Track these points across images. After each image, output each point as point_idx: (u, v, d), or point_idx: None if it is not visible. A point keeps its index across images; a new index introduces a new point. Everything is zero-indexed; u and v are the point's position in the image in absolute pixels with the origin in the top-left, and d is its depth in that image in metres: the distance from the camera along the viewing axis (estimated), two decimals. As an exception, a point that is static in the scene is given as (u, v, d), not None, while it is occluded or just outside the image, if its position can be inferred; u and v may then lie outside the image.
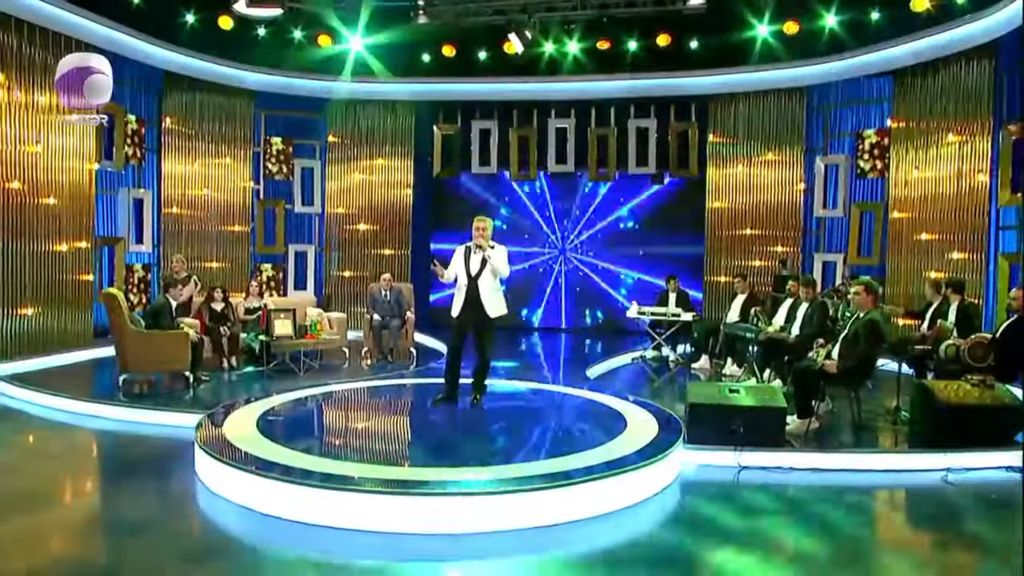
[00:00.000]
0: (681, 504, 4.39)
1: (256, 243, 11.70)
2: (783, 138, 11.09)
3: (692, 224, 11.85)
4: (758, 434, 4.99)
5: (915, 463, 4.95)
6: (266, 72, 11.24)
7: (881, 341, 5.49)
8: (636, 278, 12.55)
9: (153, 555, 3.53)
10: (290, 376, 7.75)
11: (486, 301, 5.89)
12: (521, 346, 11.03)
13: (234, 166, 11.30)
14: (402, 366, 8.70)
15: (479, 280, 5.89)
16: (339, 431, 5.57)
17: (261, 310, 8.47)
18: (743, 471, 4.83)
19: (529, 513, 3.92)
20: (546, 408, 6.22)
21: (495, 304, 5.95)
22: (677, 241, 12.18)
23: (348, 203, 12.22)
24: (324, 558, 3.55)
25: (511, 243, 12.56)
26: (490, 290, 5.91)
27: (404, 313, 9.27)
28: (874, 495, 4.57)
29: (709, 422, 5.04)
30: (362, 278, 11.97)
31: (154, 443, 5.43)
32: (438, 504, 3.86)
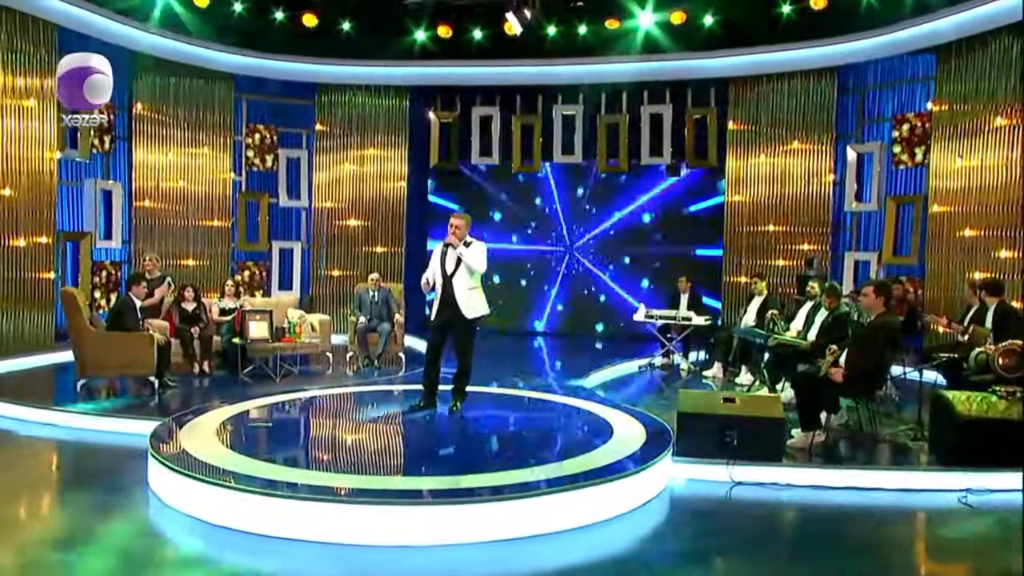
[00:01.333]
0: (665, 521, 4.40)
1: (237, 239, 11.77)
2: (811, 124, 11.00)
3: (709, 221, 11.88)
4: (754, 447, 4.98)
5: (929, 482, 4.88)
6: (246, 53, 11.27)
7: (892, 347, 5.46)
8: (649, 278, 12.59)
9: (91, 572, 3.58)
10: (266, 382, 7.83)
11: (462, 302, 6.00)
12: (517, 351, 11.16)
13: (213, 156, 11.38)
14: (390, 372, 8.76)
15: (454, 279, 6.02)
16: (304, 439, 5.66)
17: (237, 311, 8.57)
18: (737, 487, 4.82)
19: (486, 526, 3.98)
20: (529, 417, 6.34)
21: (472, 304, 6.05)
22: (695, 239, 12.24)
23: (337, 197, 12.28)
24: (280, 572, 3.62)
25: (511, 240, 12.62)
26: (466, 290, 6.02)
27: (393, 315, 9.32)
28: (879, 517, 4.52)
29: (700, 433, 5.04)
30: (352, 277, 12.02)
31: (109, 453, 5.50)
32: (392, 515, 3.93)
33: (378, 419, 6.13)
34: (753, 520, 4.38)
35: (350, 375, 8.70)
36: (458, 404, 6.24)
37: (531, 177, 12.85)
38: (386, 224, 12.25)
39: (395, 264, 12.16)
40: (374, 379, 8.33)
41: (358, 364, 9.14)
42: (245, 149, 11.96)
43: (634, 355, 9.96)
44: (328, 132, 12.26)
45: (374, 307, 9.36)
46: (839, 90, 10.90)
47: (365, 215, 12.27)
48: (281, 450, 5.23)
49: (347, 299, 11.76)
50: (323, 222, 12.30)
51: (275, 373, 8.15)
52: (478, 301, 6.12)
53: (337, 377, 8.52)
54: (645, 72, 11.37)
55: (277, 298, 10.92)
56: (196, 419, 5.67)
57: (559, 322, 13.02)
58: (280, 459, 4.84)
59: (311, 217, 12.34)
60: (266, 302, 9.53)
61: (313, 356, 9.29)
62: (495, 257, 6.52)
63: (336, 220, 12.31)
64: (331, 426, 6.02)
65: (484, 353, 9.07)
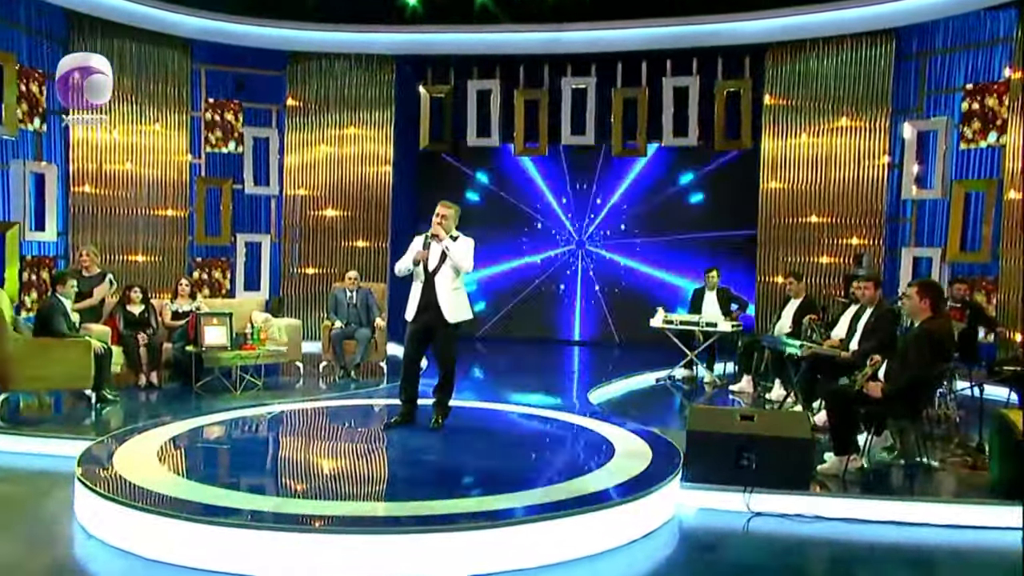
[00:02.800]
0: (671, 556, 4.39)
1: (195, 232, 11.77)
2: (863, 97, 10.90)
3: (741, 210, 11.88)
4: (776, 472, 4.96)
5: (986, 518, 4.84)
6: (205, 15, 11.21)
7: (942, 358, 5.40)
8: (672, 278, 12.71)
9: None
10: (224, 396, 7.90)
11: (444, 303, 6.09)
12: (517, 362, 11.26)
13: (166, 135, 11.36)
14: (370, 385, 8.82)
15: (437, 277, 6.11)
16: (266, 461, 5.75)
17: (191, 314, 8.60)
18: (755, 518, 4.81)
19: (463, 557, 4.02)
20: (519, 436, 6.46)
21: (454, 306, 6.14)
22: (724, 231, 12.35)
23: (312, 183, 12.33)
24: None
25: (511, 234, 12.77)
26: (449, 290, 6.12)
27: (373, 320, 9.38)
28: (925, 557, 4.49)
29: (713, 455, 5.04)
30: (328, 276, 12.07)
31: (31, 479, 5.51)
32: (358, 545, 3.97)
33: (354, 438, 6.20)
34: (774, 557, 4.36)
35: (323, 388, 8.75)
36: (440, 420, 6.30)
37: (537, 161, 13.00)
38: (368, 215, 12.28)
39: (378, 261, 12.18)
40: (351, 392, 8.39)
41: (333, 375, 9.18)
42: (204, 127, 11.95)
43: (653, 366, 10.03)
44: (301, 108, 12.28)
45: (352, 310, 9.41)
46: (898, 56, 10.77)
47: (344, 204, 12.30)
48: (239, 474, 5.27)
49: (322, 301, 11.78)
50: (295, 212, 12.35)
51: (235, 386, 8.19)
52: (462, 303, 6.24)
53: (308, 390, 8.58)
54: (667, 38, 11.31)
55: (241, 299, 11.07)
56: (138, 438, 5.69)
57: (568, 327, 13.23)
58: (236, 483, 4.88)
59: (281, 206, 12.38)
60: (227, 304, 9.59)
61: (281, 366, 9.32)
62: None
63: (310, 210, 12.34)
64: (298, 446, 6.08)
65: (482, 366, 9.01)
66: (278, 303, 12.02)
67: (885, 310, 7.05)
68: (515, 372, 10.35)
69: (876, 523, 4.84)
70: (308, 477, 5.25)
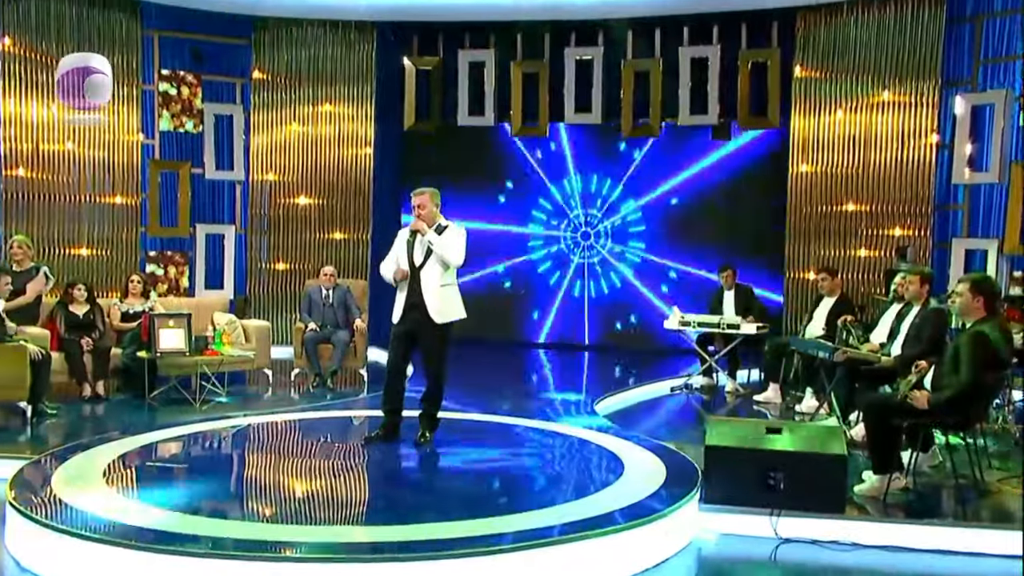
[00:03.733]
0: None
1: (149, 222, 11.72)
2: (907, 67, 10.79)
3: (769, 198, 11.85)
4: (807, 493, 4.94)
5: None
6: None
7: (995, 364, 5.36)
8: (688, 272, 12.69)
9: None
10: (182, 408, 7.89)
11: (431, 302, 6.15)
12: (516, 367, 11.43)
13: (113, 111, 11.18)
14: (348, 395, 8.87)
15: (422, 273, 6.20)
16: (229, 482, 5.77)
17: (144, 315, 8.57)
18: (784, 545, 4.80)
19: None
20: (517, 451, 6.53)
21: (445, 306, 6.20)
22: (748, 221, 12.35)
23: (282, 167, 12.30)
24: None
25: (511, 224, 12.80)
26: (436, 286, 6.17)
27: (352, 321, 9.39)
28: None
29: (736, 473, 5.04)
30: (301, 272, 12.07)
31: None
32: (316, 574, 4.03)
33: (330, 455, 6.27)
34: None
35: (296, 398, 8.83)
36: (427, 434, 6.38)
37: (536, 143, 12.98)
38: (346, 203, 12.28)
39: (358, 255, 12.19)
40: (327, 403, 8.45)
41: (307, 384, 9.23)
42: (158, 103, 11.86)
43: (667, 372, 10.07)
44: (269, 82, 12.24)
45: (328, 310, 9.44)
46: (948, 19, 10.69)
47: (319, 191, 12.28)
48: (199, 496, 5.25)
49: (294, 300, 11.76)
50: (263, 200, 12.34)
51: (195, 396, 8.17)
52: (452, 302, 6.30)
53: (279, 401, 8.66)
54: (685, 2, 11.27)
55: (201, 299, 11.06)
56: (81, 457, 5.69)
57: (572, 328, 13.22)
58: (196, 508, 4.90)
59: (247, 193, 12.35)
60: (186, 304, 9.57)
61: (248, 374, 9.38)
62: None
63: (281, 197, 12.33)
64: (267, 465, 6.11)
65: (470, 371, 9.10)
66: (244, 303, 12.02)
67: (932, 310, 7.03)
68: (514, 379, 10.43)
69: (922, 552, 4.82)
70: (278, 499, 5.26)
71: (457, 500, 5.19)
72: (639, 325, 12.79)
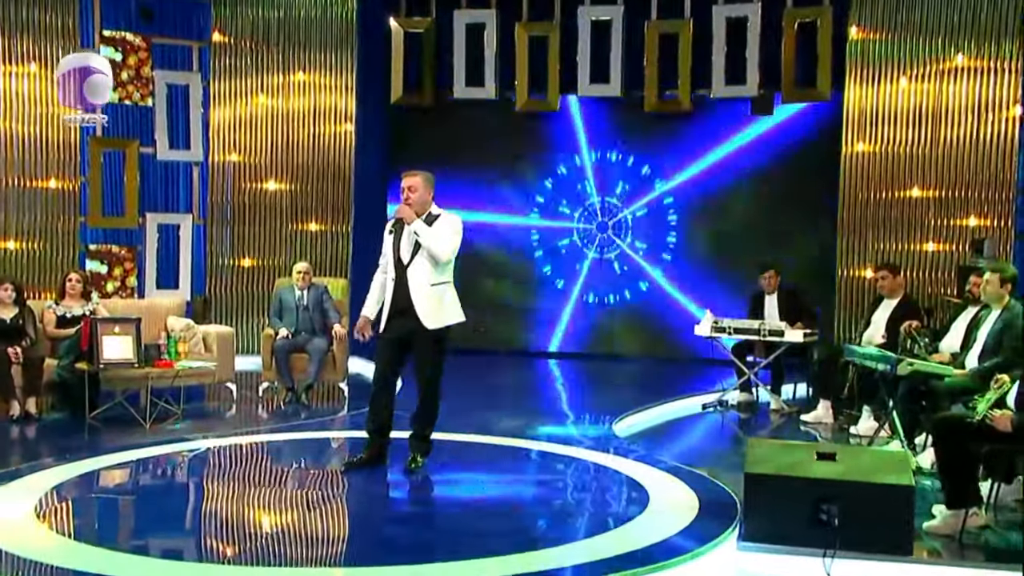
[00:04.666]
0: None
1: (89, 211, 11.62)
2: (984, 28, 10.72)
3: (819, 183, 11.83)
4: (867, 530, 4.89)
5: None
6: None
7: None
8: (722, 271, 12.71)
9: None
10: (130, 429, 7.84)
11: (422, 305, 6.17)
12: (523, 381, 11.51)
13: (47, 78, 11.09)
14: (326, 413, 8.95)
15: (410, 271, 6.23)
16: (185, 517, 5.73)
17: (84, 320, 8.48)
18: (840, 592, 4.78)
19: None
20: (523, 478, 6.64)
21: (435, 308, 6.22)
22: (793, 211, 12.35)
23: (248, 146, 12.28)
24: None
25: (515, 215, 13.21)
26: (426, 286, 6.19)
27: (330, 326, 9.37)
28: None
29: (781, 506, 4.97)
30: (272, 269, 12.09)
31: None
32: None
33: (304, 483, 6.30)
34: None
35: (264, 417, 8.84)
36: (419, 459, 6.42)
37: (546, 117, 12.89)
38: (323, 189, 12.28)
39: (337, 250, 12.20)
40: (301, 423, 8.43)
41: (277, 400, 9.26)
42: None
43: (698, 387, 10.14)
44: (232, 46, 12.23)
45: (302, 314, 9.46)
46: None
47: (291, 175, 12.29)
48: (149, 534, 5.28)
49: (262, 302, 11.82)
50: (225, 185, 12.33)
51: (145, 416, 8.08)
52: (447, 303, 6.33)
53: (244, 420, 8.71)
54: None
55: (153, 300, 10.95)
56: (9, 488, 5.71)
57: (586, 336, 13.30)
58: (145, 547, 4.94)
59: (206, 177, 12.32)
60: (134, 307, 9.56)
61: (207, 389, 9.40)
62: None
63: (246, 182, 12.32)
64: (230, 496, 6.10)
65: (469, 385, 9.09)
66: (203, 305, 12.03)
67: (1015, 315, 6.99)
68: (520, 394, 10.54)
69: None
70: (242, 537, 5.24)
71: (452, 537, 5.21)
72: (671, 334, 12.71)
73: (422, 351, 6.29)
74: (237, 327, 11.35)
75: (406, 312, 6.19)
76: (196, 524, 5.62)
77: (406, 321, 6.20)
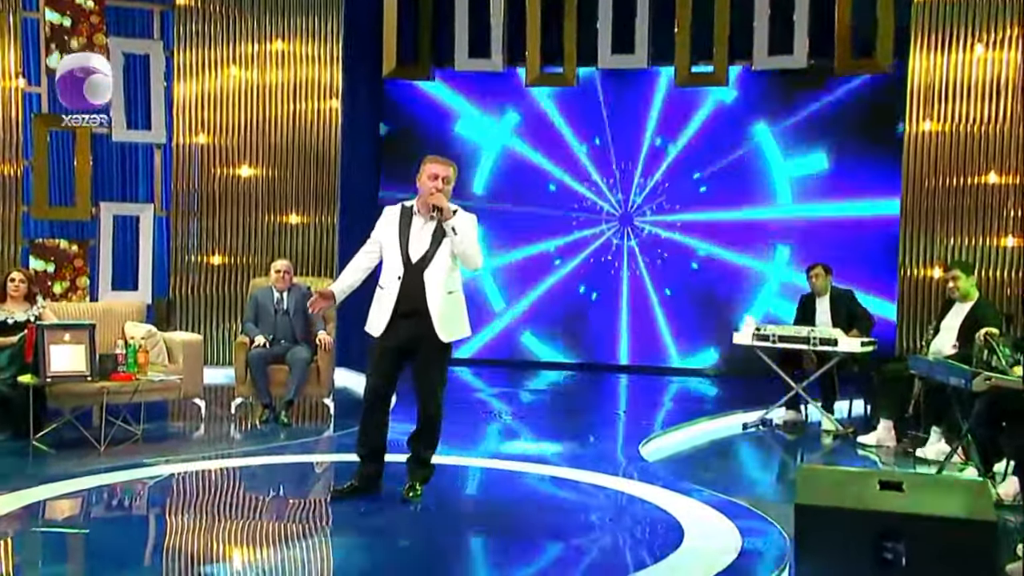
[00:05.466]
0: None
1: (33, 200, 11.65)
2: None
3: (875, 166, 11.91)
4: (940, 572, 4.78)
5: None
6: None
7: None
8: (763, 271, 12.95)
9: None
10: (82, 452, 7.80)
11: (436, 310, 6.18)
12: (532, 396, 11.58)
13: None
14: (308, 433, 8.92)
15: (428, 272, 6.20)
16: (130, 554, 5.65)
17: (28, 327, 8.42)
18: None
19: None
20: (537, 510, 6.58)
21: (452, 317, 6.28)
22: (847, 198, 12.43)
23: (217, 126, 12.29)
24: None
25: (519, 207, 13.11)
26: (444, 293, 6.22)
27: (314, 334, 9.38)
28: None
29: (839, 544, 4.85)
30: (246, 267, 12.14)
31: None
32: None
33: (284, 515, 6.29)
34: None
35: (237, 438, 8.86)
36: (418, 487, 6.40)
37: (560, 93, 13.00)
38: (305, 176, 12.32)
39: (322, 244, 12.23)
40: (280, 445, 8.39)
41: (252, 419, 9.24)
42: (44, 37, 11.66)
43: (739, 404, 10.15)
44: (199, 10, 12.23)
45: (282, 319, 9.45)
46: None
47: (268, 158, 12.31)
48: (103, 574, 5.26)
49: (235, 305, 11.92)
50: (192, 170, 12.32)
51: (99, 437, 8.01)
52: (461, 314, 6.43)
53: (214, 442, 8.65)
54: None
55: (108, 303, 10.76)
56: None
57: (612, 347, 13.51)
58: None
59: (170, 162, 12.30)
60: (87, 311, 9.51)
61: (172, 406, 9.39)
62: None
63: (216, 167, 12.33)
64: (197, 529, 6.09)
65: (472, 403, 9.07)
66: (167, 308, 12.04)
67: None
68: (530, 413, 10.49)
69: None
70: None
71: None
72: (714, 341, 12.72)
73: (428, 361, 6.29)
74: (206, 334, 11.45)
75: (414, 316, 6.17)
76: (157, 564, 5.56)
77: (412, 326, 6.19)
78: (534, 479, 7.26)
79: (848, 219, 12.39)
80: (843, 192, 12.46)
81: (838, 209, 12.48)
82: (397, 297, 6.19)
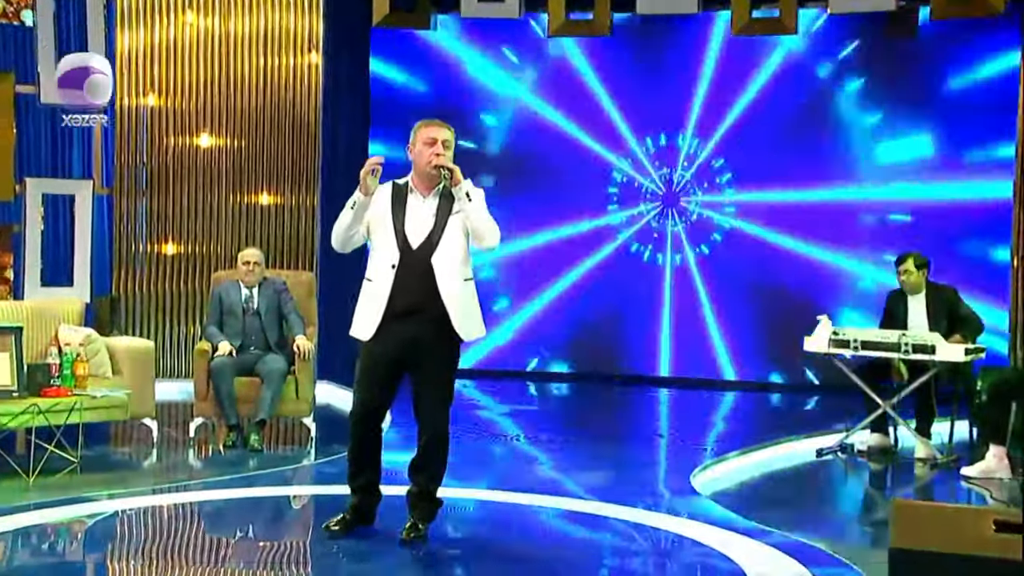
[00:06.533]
0: None
1: (-52, 177, 11.67)
2: None
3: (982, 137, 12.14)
4: None
5: None
6: None
7: None
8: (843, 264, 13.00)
9: None
10: (4, 483, 7.80)
11: (452, 303, 6.13)
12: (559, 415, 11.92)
13: None
14: (283, 460, 9.00)
15: (436, 256, 6.13)
16: None
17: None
18: None
19: None
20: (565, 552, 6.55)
21: (468, 311, 6.26)
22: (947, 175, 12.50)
23: (171, 86, 12.40)
24: None
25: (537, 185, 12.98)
26: (459, 283, 6.18)
27: (290, 339, 9.41)
28: None
29: None
30: (207, 258, 12.29)
31: None
32: None
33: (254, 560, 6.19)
34: None
35: (197, 466, 8.89)
36: (420, 526, 6.33)
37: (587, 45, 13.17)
38: (279, 145, 12.44)
39: (299, 230, 12.44)
40: (250, 474, 8.39)
41: (215, 443, 9.27)
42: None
43: (812, 425, 10.29)
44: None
45: (251, 321, 9.47)
46: None
47: (233, 126, 12.44)
48: None
49: (195, 304, 12.08)
50: (140, 140, 12.41)
51: (28, 465, 7.94)
52: (476, 309, 6.41)
53: (168, 470, 8.71)
54: None
55: (37, 302, 10.81)
56: None
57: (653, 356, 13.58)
58: None
59: (112, 130, 12.36)
60: (11, 312, 9.42)
61: (116, 427, 9.37)
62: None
63: (170, 136, 12.41)
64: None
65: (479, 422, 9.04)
66: (110, 309, 12.05)
67: None
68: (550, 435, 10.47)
69: None
70: None
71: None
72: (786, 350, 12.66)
73: (433, 371, 6.19)
74: (157, 340, 11.52)
75: (413, 316, 6.06)
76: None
77: (411, 329, 6.07)
78: (556, 516, 7.22)
79: (953, 204, 12.40)
80: (948, 170, 12.44)
81: (941, 191, 12.49)
82: (391, 292, 6.08)
